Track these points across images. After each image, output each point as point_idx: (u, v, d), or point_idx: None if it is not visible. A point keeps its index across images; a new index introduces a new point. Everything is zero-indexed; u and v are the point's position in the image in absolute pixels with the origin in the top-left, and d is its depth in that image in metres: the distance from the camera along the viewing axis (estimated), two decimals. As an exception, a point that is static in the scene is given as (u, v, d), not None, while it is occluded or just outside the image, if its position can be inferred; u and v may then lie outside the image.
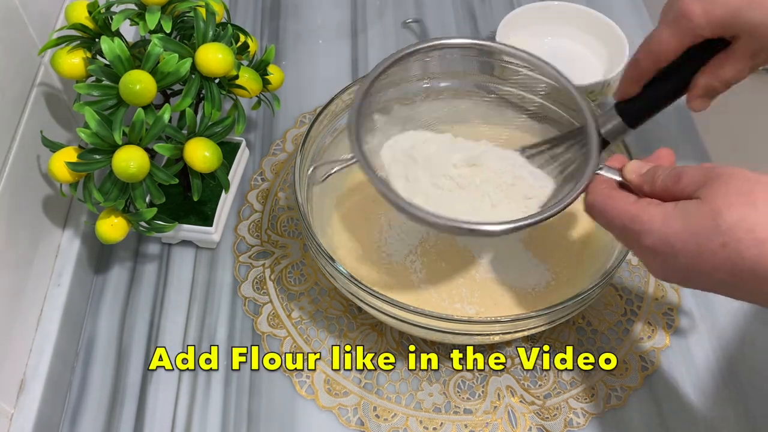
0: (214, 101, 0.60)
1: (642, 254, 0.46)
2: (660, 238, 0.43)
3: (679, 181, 0.45)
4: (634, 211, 0.46)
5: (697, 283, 0.44)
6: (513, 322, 0.55)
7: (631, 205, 0.46)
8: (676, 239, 0.43)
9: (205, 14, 0.60)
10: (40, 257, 0.63)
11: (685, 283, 0.45)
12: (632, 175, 0.49)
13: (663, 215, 0.44)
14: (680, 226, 0.43)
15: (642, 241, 0.45)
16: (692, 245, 0.42)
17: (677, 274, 0.45)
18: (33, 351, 0.61)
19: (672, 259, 0.43)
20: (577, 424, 0.60)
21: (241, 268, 0.70)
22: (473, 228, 0.50)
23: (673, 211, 0.43)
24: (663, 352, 0.64)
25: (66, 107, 0.67)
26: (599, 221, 0.50)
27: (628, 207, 0.46)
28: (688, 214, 0.42)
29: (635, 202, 0.46)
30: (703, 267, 0.42)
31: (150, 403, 0.62)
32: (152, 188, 0.59)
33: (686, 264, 0.43)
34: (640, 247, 0.46)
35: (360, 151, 0.53)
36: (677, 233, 0.43)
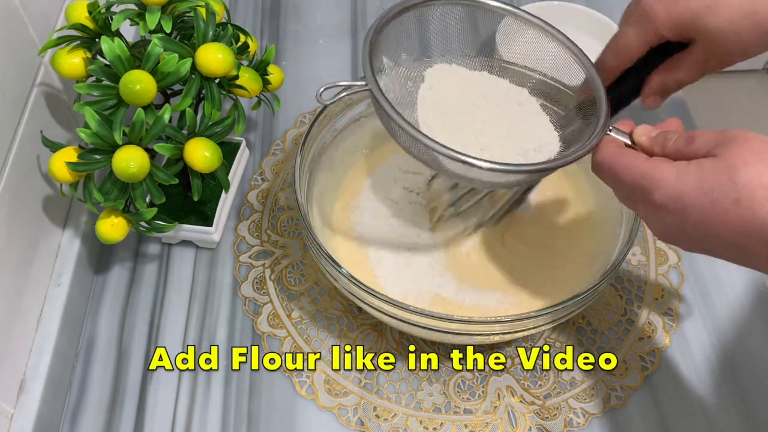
0: (214, 101, 0.60)
1: (649, 212, 0.45)
2: (672, 193, 0.43)
3: (691, 143, 0.44)
4: (645, 167, 0.45)
5: (702, 244, 0.44)
6: (513, 322, 0.55)
7: (643, 161, 0.46)
8: (688, 195, 0.42)
9: (205, 14, 0.60)
10: (40, 257, 0.63)
11: (689, 243, 0.44)
12: (642, 137, 0.48)
13: (676, 171, 0.43)
14: (694, 182, 0.42)
15: (652, 197, 0.44)
16: (705, 201, 0.41)
17: (683, 233, 0.44)
18: (33, 351, 0.61)
19: (681, 215, 0.43)
20: (577, 424, 0.60)
21: (241, 268, 0.70)
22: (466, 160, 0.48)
23: (687, 167, 0.43)
24: (663, 352, 0.64)
25: (66, 107, 0.67)
26: (608, 179, 0.49)
27: (639, 163, 0.46)
28: (703, 169, 0.42)
29: (646, 160, 0.46)
30: (712, 225, 0.41)
31: (150, 403, 0.62)
32: (152, 188, 0.59)
33: (695, 222, 0.42)
34: (648, 204, 0.45)
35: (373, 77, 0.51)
36: (691, 189, 0.42)
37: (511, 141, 0.56)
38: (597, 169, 0.50)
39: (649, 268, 0.69)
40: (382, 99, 0.50)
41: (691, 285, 0.68)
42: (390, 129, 0.53)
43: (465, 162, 0.48)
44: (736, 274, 0.68)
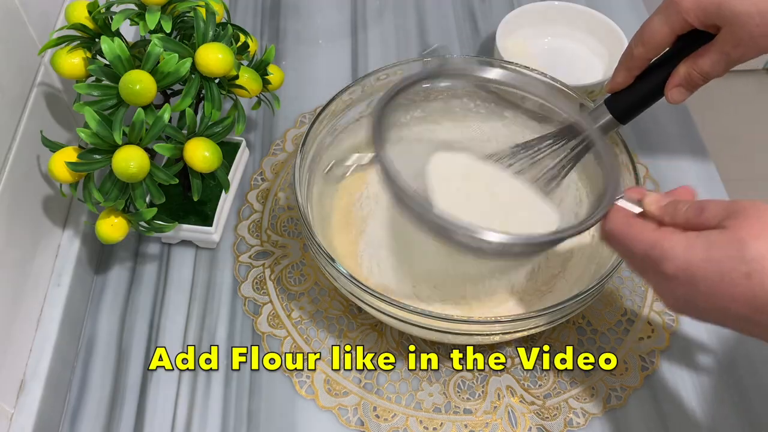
0: (214, 101, 0.60)
1: (660, 283, 0.45)
2: (681, 264, 0.42)
3: (701, 213, 0.44)
4: (655, 237, 0.45)
5: (713, 315, 0.43)
6: (513, 322, 0.55)
7: (652, 232, 0.45)
8: (698, 267, 0.42)
9: (205, 14, 0.60)
10: (40, 257, 0.63)
11: (700, 314, 0.44)
12: (653, 206, 0.48)
13: (686, 242, 0.43)
14: (703, 254, 0.42)
15: (662, 268, 0.44)
16: (715, 274, 0.41)
17: (694, 304, 0.44)
18: (33, 351, 0.61)
19: (691, 287, 0.42)
20: (577, 424, 0.60)
21: (241, 268, 0.70)
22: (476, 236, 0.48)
23: (697, 238, 0.43)
24: (663, 352, 0.64)
25: (66, 107, 0.67)
26: (617, 248, 0.49)
27: (649, 234, 0.45)
28: (712, 242, 0.42)
29: (656, 230, 0.45)
30: (722, 297, 0.41)
31: (150, 403, 0.62)
32: (152, 188, 0.59)
33: (705, 293, 0.42)
34: (658, 274, 0.44)
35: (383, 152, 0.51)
36: (700, 260, 0.42)
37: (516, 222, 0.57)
38: (606, 238, 0.50)
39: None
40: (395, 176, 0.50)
41: (691, 285, 0.68)
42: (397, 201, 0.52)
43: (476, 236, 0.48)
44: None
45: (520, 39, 0.83)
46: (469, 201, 0.58)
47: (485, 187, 0.60)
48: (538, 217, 0.58)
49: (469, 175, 0.60)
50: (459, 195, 0.58)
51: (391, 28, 0.91)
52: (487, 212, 0.57)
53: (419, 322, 0.56)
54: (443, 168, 0.60)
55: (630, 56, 0.56)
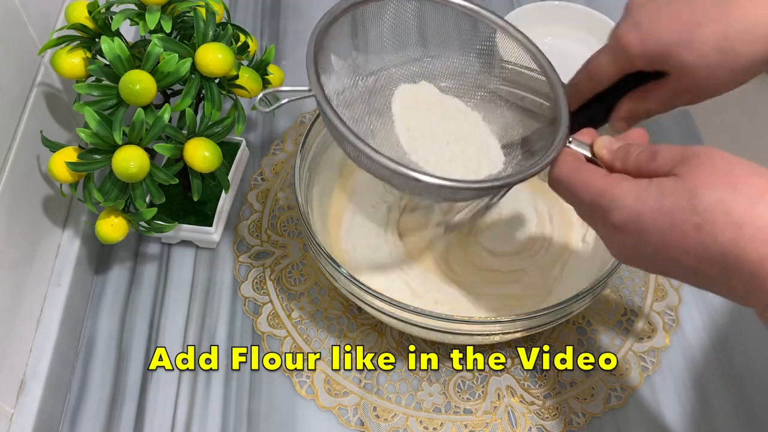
0: (214, 101, 0.60)
1: (607, 232, 0.44)
2: (630, 214, 0.41)
3: (654, 158, 0.43)
4: (604, 185, 0.43)
5: (662, 266, 0.42)
6: (513, 322, 0.55)
7: (602, 178, 0.44)
8: (647, 216, 0.40)
9: (205, 14, 0.60)
10: (40, 257, 0.63)
11: (647, 266, 0.43)
12: (603, 150, 0.46)
13: (636, 190, 0.41)
14: (654, 203, 0.40)
15: (610, 217, 0.42)
16: (665, 224, 0.40)
17: (642, 256, 0.42)
18: (33, 351, 0.61)
19: (640, 238, 0.41)
20: (577, 424, 0.60)
21: (241, 268, 0.70)
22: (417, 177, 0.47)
23: (648, 186, 0.41)
24: (663, 352, 0.64)
25: (66, 107, 0.67)
26: (565, 196, 0.47)
27: (598, 180, 0.44)
28: (664, 190, 0.40)
29: (606, 176, 0.44)
30: (672, 249, 0.40)
31: (150, 403, 0.62)
32: (152, 188, 0.59)
33: (654, 244, 0.41)
34: (606, 224, 0.43)
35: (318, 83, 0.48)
36: (651, 210, 0.40)
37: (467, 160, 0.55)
38: (554, 184, 0.48)
39: (649, 268, 0.69)
40: (327, 106, 0.48)
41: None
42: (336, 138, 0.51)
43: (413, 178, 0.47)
44: (736, 274, 0.68)
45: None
46: (424, 133, 0.56)
47: (442, 118, 0.58)
48: (484, 159, 0.56)
49: (429, 106, 0.58)
50: (417, 127, 0.56)
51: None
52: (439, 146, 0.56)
53: (419, 322, 0.56)
54: (406, 98, 0.58)
55: (576, 89, 0.55)
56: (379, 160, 0.47)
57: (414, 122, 0.56)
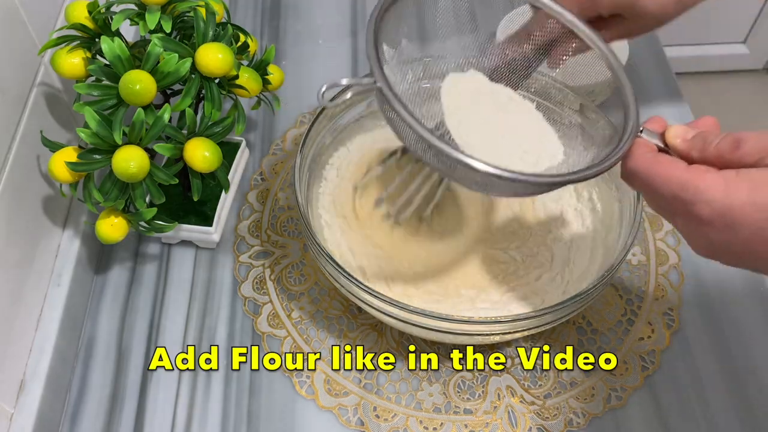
0: (214, 101, 0.60)
1: (691, 226, 0.41)
2: (720, 207, 0.39)
3: (737, 148, 0.40)
4: (687, 177, 0.41)
5: (751, 262, 0.40)
6: (513, 322, 0.55)
7: (684, 170, 0.41)
8: (739, 211, 0.38)
9: (205, 14, 0.60)
10: (40, 257, 0.63)
11: (733, 260, 0.41)
12: (677, 139, 0.44)
13: (724, 183, 0.39)
14: (746, 197, 0.38)
15: (696, 211, 0.40)
16: (759, 218, 0.38)
17: (729, 251, 0.40)
18: (33, 351, 0.61)
19: (730, 232, 0.39)
20: (577, 424, 0.60)
21: (241, 268, 0.70)
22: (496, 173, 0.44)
23: (737, 178, 0.39)
24: (663, 352, 0.64)
25: (66, 107, 0.67)
26: (642, 189, 0.45)
27: (680, 173, 0.41)
28: (757, 182, 0.38)
29: (687, 168, 0.41)
30: (765, 244, 0.38)
31: (150, 403, 0.62)
32: (152, 188, 0.59)
33: (746, 239, 0.39)
34: (691, 218, 0.41)
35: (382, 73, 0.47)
36: (742, 204, 0.38)
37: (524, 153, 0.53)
38: (629, 177, 0.46)
39: (649, 268, 0.69)
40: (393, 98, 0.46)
41: (691, 285, 0.68)
42: (397, 129, 0.49)
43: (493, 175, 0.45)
44: (737, 274, 0.68)
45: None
46: (476, 126, 0.54)
47: (494, 109, 0.56)
48: (543, 150, 0.53)
49: (480, 97, 0.56)
50: (468, 120, 0.54)
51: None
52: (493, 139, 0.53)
53: (419, 322, 0.56)
54: (455, 89, 0.55)
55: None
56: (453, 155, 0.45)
57: (465, 115, 0.54)
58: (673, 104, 0.82)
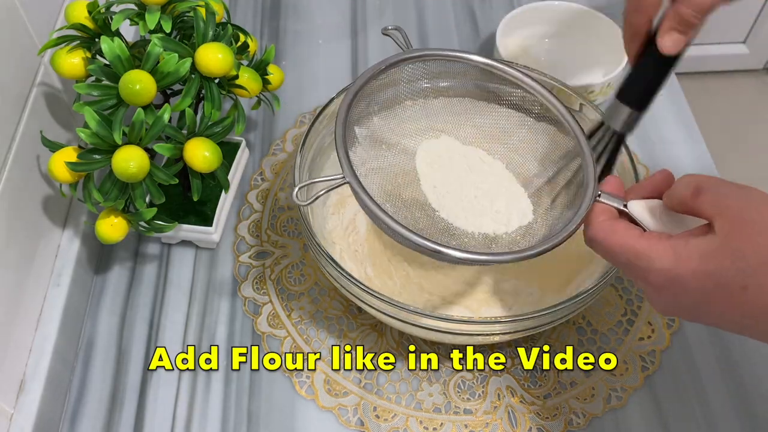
0: (214, 101, 0.60)
1: (647, 291, 0.44)
2: (671, 277, 0.41)
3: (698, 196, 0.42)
4: (640, 247, 0.43)
5: (706, 320, 0.43)
6: (513, 322, 0.55)
7: (637, 239, 0.44)
8: (689, 278, 0.40)
9: (205, 14, 0.60)
10: (40, 257, 0.63)
11: (692, 318, 0.43)
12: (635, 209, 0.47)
13: (674, 252, 0.41)
14: (695, 265, 0.40)
15: (650, 279, 0.43)
16: (708, 285, 0.40)
17: (684, 310, 0.43)
18: (33, 351, 0.61)
19: (681, 297, 0.42)
20: (577, 424, 0.60)
21: (241, 268, 0.70)
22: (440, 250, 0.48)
23: (686, 248, 0.41)
24: (663, 352, 0.64)
25: (66, 107, 0.67)
26: (601, 254, 0.47)
27: (633, 242, 0.44)
28: (704, 253, 0.40)
29: (641, 237, 0.44)
30: (716, 305, 0.40)
31: (150, 403, 0.62)
32: (152, 188, 0.59)
33: (696, 302, 0.41)
34: (646, 283, 0.43)
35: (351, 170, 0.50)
36: (692, 272, 0.40)
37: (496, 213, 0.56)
38: (589, 243, 0.48)
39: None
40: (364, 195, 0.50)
41: (691, 285, 0.68)
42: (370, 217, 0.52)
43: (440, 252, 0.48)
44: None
45: (520, 39, 0.83)
46: (450, 189, 0.57)
47: (467, 171, 0.59)
48: (514, 210, 0.56)
49: (452, 160, 0.59)
50: (443, 183, 0.57)
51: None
52: (467, 201, 0.57)
53: (419, 322, 0.55)
54: (429, 155, 0.59)
55: (630, 26, 0.52)
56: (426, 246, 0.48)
57: (439, 178, 0.58)
58: (673, 104, 0.82)
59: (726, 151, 1.67)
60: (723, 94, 1.85)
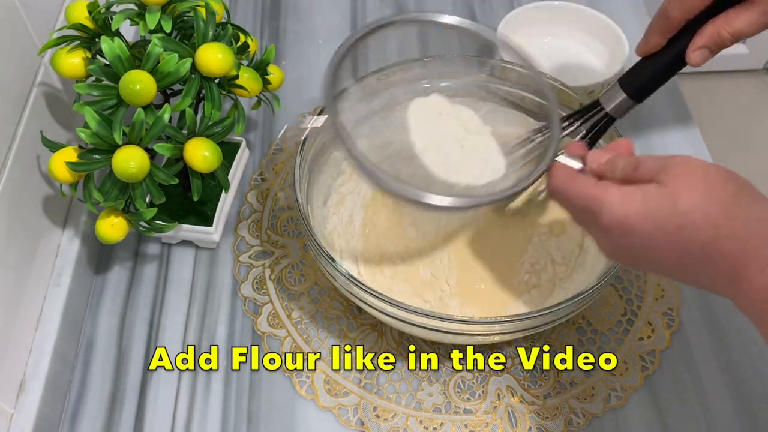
0: (214, 101, 0.60)
1: (598, 234, 0.47)
2: (617, 216, 0.45)
3: (637, 168, 0.46)
4: (594, 192, 0.47)
5: (647, 264, 0.46)
6: (513, 322, 0.55)
7: (591, 186, 0.47)
8: (633, 218, 0.44)
9: (205, 14, 0.60)
10: (40, 257, 0.63)
11: (634, 263, 0.47)
12: (594, 164, 0.50)
13: (622, 195, 0.45)
14: (639, 206, 0.44)
15: (600, 220, 0.46)
16: (649, 225, 0.43)
17: (629, 253, 0.46)
18: (33, 351, 0.61)
19: (627, 237, 0.45)
20: (577, 424, 0.60)
21: (241, 268, 0.70)
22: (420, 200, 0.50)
23: (633, 191, 0.45)
24: (663, 352, 0.64)
25: (66, 107, 0.67)
26: (562, 203, 0.51)
27: (588, 188, 0.47)
28: (647, 195, 0.44)
29: (595, 184, 0.47)
30: (656, 247, 0.44)
31: (150, 403, 0.62)
32: (152, 188, 0.59)
33: (640, 243, 0.44)
34: (597, 225, 0.46)
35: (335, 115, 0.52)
36: (636, 212, 0.44)
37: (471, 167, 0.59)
38: (552, 194, 0.52)
39: (649, 268, 0.69)
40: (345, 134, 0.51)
41: (691, 285, 0.68)
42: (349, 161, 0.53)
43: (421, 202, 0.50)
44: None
45: (520, 39, 0.83)
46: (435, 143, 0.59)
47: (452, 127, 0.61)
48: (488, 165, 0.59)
49: (440, 117, 0.62)
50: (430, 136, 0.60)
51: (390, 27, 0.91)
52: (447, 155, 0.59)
53: (419, 322, 0.56)
54: (419, 111, 0.61)
55: (665, 18, 0.54)
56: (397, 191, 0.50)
57: (426, 132, 0.60)
58: (673, 104, 0.82)
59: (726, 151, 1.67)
60: (723, 94, 1.85)
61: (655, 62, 0.56)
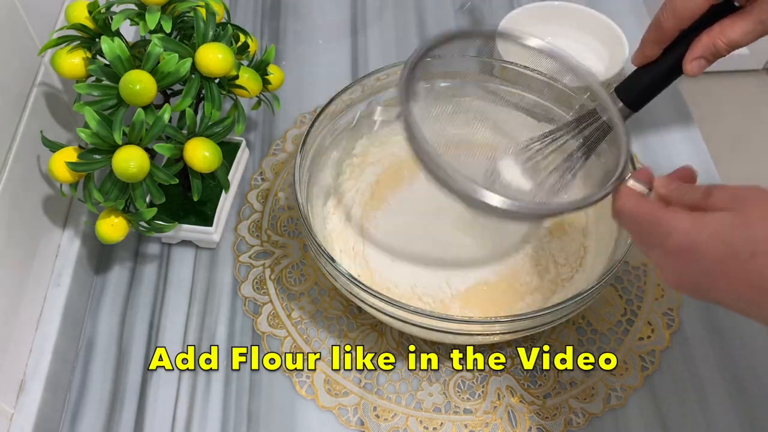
0: (214, 101, 0.60)
1: (662, 258, 0.46)
2: (687, 240, 0.43)
3: (708, 197, 0.44)
4: (662, 215, 0.45)
5: (714, 293, 0.44)
6: (513, 322, 0.55)
7: (660, 209, 0.46)
8: (704, 244, 0.42)
9: (205, 14, 0.60)
10: (40, 257, 0.63)
11: (700, 291, 0.45)
12: (662, 189, 0.49)
13: (692, 220, 0.43)
14: (711, 231, 0.42)
15: (667, 243, 0.44)
16: (720, 252, 0.41)
17: (693, 280, 0.44)
18: (33, 351, 0.61)
19: (694, 263, 0.43)
20: (577, 424, 0.60)
21: (241, 268, 0.70)
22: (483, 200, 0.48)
23: (704, 217, 0.43)
24: (663, 352, 0.64)
25: (66, 107, 0.67)
26: (626, 226, 0.50)
27: (658, 212, 0.46)
28: (720, 221, 0.42)
29: (664, 209, 0.46)
30: (726, 276, 0.42)
31: (150, 403, 0.62)
32: (152, 188, 0.59)
33: (709, 271, 0.42)
34: (664, 249, 0.45)
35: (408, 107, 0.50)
36: (707, 237, 0.42)
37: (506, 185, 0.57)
38: (617, 216, 0.50)
39: (649, 268, 0.69)
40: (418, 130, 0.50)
41: (691, 285, 0.68)
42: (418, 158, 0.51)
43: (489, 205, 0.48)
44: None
45: (520, 39, 0.83)
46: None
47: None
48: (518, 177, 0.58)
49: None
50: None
51: (391, 27, 0.91)
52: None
53: (419, 322, 0.56)
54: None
55: (659, 28, 0.54)
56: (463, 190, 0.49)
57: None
58: (674, 104, 0.82)
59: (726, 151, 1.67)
60: (723, 94, 1.85)
61: (651, 72, 0.56)
